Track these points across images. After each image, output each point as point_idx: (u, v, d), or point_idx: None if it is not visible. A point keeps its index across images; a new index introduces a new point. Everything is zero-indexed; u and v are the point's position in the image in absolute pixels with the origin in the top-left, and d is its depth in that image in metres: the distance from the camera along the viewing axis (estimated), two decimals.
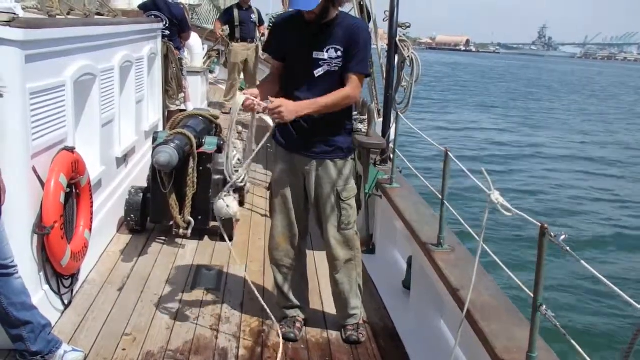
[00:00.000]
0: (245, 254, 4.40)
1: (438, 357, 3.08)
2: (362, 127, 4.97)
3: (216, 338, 3.20)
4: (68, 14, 3.88)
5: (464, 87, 45.22)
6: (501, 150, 19.04)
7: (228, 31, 9.25)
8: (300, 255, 3.28)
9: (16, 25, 2.63)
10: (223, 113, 8.30)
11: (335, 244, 3.13)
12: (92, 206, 3.61)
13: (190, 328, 3.28)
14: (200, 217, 4.42)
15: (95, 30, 3.93)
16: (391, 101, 4.75)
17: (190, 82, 7.91)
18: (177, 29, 7.01)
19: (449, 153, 3.14)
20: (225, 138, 3.98)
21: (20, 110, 2.73)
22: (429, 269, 3.21)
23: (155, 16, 6.62)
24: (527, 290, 2.18)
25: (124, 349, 3.02)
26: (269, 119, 9.67)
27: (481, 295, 2.61)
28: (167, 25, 6.66)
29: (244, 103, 2.80)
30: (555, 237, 1.90)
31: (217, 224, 4.55)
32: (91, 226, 3.60)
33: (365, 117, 4.97)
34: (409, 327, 3.48)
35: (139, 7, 6.97)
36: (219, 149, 4.44)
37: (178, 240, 4.50)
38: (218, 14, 13.50)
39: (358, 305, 3.32)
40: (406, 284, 3.91)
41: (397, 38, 4.59)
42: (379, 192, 4.45)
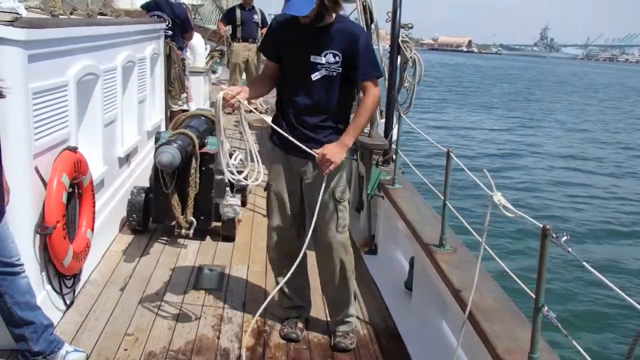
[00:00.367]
0: (247, 254, 4.40)
1: (440, 358, 3.08)
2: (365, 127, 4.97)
3: (218, 338, 3.20)
4: (71, 13, 3.89)
5: (466, 88, 45.18)
6: (502, 151, 19.02)
7: (230, 31, 9.27)
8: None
9: (19, 25, 2.63)
10: (225, 113, 8.30)
11: (332, 247, 3.08)
12: (94, 206, 3.62)
13: (192, 328, 3.28)
14: (202, 218, 4.42)
15: (98, 30, 3.94)
16: (393, 102, 4.75)
17: (193, 82, 7.92)
18: (180, 29, 7.02)
19: (451, 154, 3.13)
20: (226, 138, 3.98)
21: (23, 110, 2.74)
22: (430, 270, 3.21)
23: (158, 16, 6.62)
24: (528, 291, 2.18)
25: (125, 349, 3.02)
26: (269, 119, 9.66)
27: (483, 296, 2.61)
28: (169, 26, 6.67)
29: (225, 97, 2.77)
30: (557, 238, 1.89)
31: (218, 224, 4.58)
32: (93, 226, 3.60)
33: None
34: (411, 327, 3.47)
35: (142, 7, 6.98)
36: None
37: (180, 240, 4.50)
38: (220, 14, 13.51)
39: (353, 313, 3.28)
40: (408, 285, 3.91)
41: (400, 39, 4.58)
42: (381, 193, 4.45)
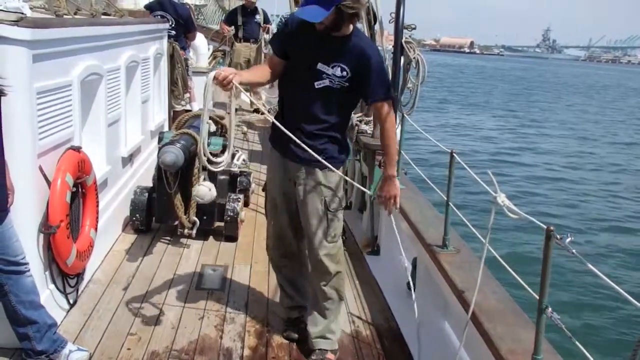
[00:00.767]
0: (250, 254, 4.41)
1: (442, 359, 3.07)
2: (368, 128, 4.97)
3: (221, 338, 3.20)
4: (75, 13, 3.90)
5: (468, 89, 45.15)
6: (506, 151, 19.00)
7: (233, 31, 9.28)
8: (300, 255, 3.21)
9: (24, 25, 2.63)
10: (228, 113, 8.31)
11: (323, 258, 2.98)
12: (97, 205, 3.62)
13: (195, 328, 3.28)
14: (205, 218, 4.43)
15: (102, 30, 3.95)
16: (397, 102, 4.74)
17: (196, 83, 7.92)
18: (183, 29, 7.03)
19: (454, 154, 3.13)
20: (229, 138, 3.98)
21: (27, 110, 2.74)
22: (433, 271, 3.20)
23: (161, 16, 6.63)
24: (532, 292, 2.18)
25: (128, 349, 3.03)
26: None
27: (486, 297, 2.60)
28: (172, 26, 6.68)
29: (217, 77, 2.62)
30: (561, 239, 1.89)
31: (221, 224, 4.58)
32: (97, 225, 3.61)
33: (371, 119, 4.97)
34: (413, 328, 3.47)
35: (145, 7, 7.00)
36: (224, 149, 4.45)
37: (183, 240, 4.51)
38: (223, 14, 13.52)
39: (335, 330, 3.10)
40: (410, 286, 3.90)
41: (403, 39, 4.58)
42: None
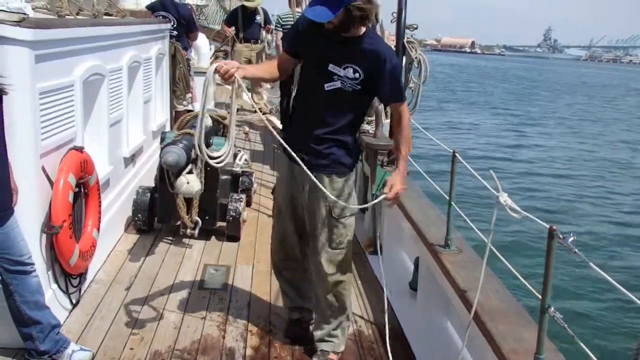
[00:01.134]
0: (252, 254, 4.41)
1: (445, 359, 3.07)
2: (370, 128, 4.97)
3: (223, 338, 3.21)
4: (77, 14, 3.90)
5: (469, 89, 45.14)
6: (508, 151, 18.99)
7: (234, 32, 9.28)
8: (303, 260, 3.17)
9: (26, 26, 2.64)
10: (229, 112, 8.31)
11: (324, 264, 2.92)
12: (100, 206, 3.63)
13: (198, 328, 3.29)
14: (207, 217, 4.43)
15: (104, 30, 3.95)
16: None
17: (197, 83, 7.93)
18: (185, 29, 7.03)
19: (456, 154, 3.13)
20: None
21: (30, 110, 2.75)
22: (436, 271, 3.20)
23: (163, 16, 6.64)
24: (535, 292, 2.17)
25: (131, 348, 3.03)
26: (276, 120, 9.66)
27: (489, 296, 2.60)
28: (174, 26, 6.68)
29: (218, 70, 2.57)
30: (564, 239, 1.89)
31: (224, 224, 4.58)
32: (99, 226, 3.61)
33: (373, 119, 4.97)
34: (416, 328, 3.47)
35: (147, 7, 7.00)
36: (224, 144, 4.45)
37: (185, 240, 4.51)
38: (225, 14, 13.52)
39: (339, 336, 3.06)
40: (413, 285, 3.90)
41: (405, 39, 4.58)
42: None
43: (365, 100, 2.88)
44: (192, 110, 6.73)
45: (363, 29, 2.73)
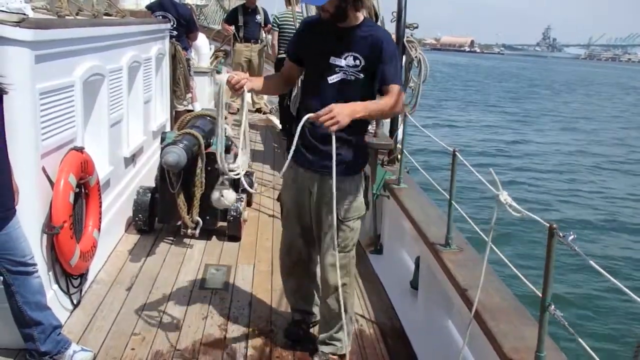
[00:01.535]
0: (253, 254, 4.41)
1: (446, 357, 3.08)
2: (370, 127, 4.97)
3: (224, 338, 3.21)
4: (77, 14, 3.90)
5: (469, 87, 45.15)
6: (507, 149, 19.00)
7: (234, 31, 9.28)
8: (309, 262, 3.16)
9: (26, 26, 2.64)
10: (230, 113, 8.32)
11: (328, 267, 2.89)
12: (100, 206, 3.63)
13: (199, 328, 3.29)
14: (208, 217, 4.43)
15: (104, 30, 3.95)
16: None
17: (197, 83, 7.93)
18: (185, 29, 7.03)
19: (457, 153, 3.13)
20: (233, 139, 3.99)
21: (30, 110, 2.75)
22: (436, 269, 3.21)
23: (163, 16, 6.64)
24: (535, 290, 2.18)
25: (132, 349, 3.04)
26: (275, 120, 9.66)
27: (489, 295, 2.61)
28: (174, 26, 6.68)
29: (230, 81, 2.60)
30: (564, 237, 1.89)
31: (224, 224, 4.59)
32: (100, 226, 3.61)
33: None
34: (417, 327, 3.47)
35: (147, 7, 7.00)
36: (227, 149, 4.45)
37: (186, 240, 4.51)
38: (224, 14, 13.51)
39: (341, 338, 3.01)
40: (414, 284, 3.91)
41: (405, 39, 4.58)
42: (387, 193, 4.45)
43: (370, 89, 2.78)
44: (192, 110, 6.73)
45: (360, 17, 2.72)
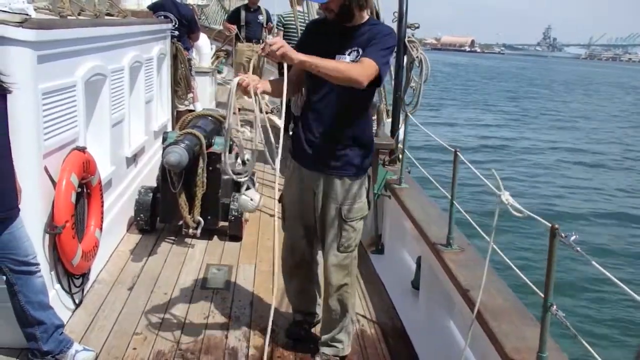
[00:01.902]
0: (254, 253, 4.41)
1: (447, 358, 3.08)
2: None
3: (226, 337, 3.21)
4: (79, 14, 3.90)
5: (469, 87, 45.13)
6: (509, 149, 19.00)
7: (236, 30, 9.28)
8: (312, 264, 3.16)
9: (28, 26, 2.64)
10: (233, 113, 8.32)
11: (330, 267, 2.91)
12: (102, 206, 3.64)
13: (201, 327, 3.29)
14: (209, 217, 4.44)
15: (106, 30, 3.96)
16: (400, 102, 4.75)
17: (199, 83, 7.93)
18: (186, 29, 7.03)
19: (458, 153, 3.13)
20: (235, 139, 3.99)
21: (33, 110, 2.76)
22: (438, 269, 3.21)
23: (164, 17, 6.64)
24: (537, 290, 2.18)
25: (134, 348, 3.04)
26: (277, 120, 9.66)
27: (491, 295, 2.61)
28: (176, 26, 6.68)
29: (240, 83, 2.60)
30: (566, 237, 1.89)
31: (226, 224, 4.59)
32: (102, 226, 3.62)
33: (374, 118, 4.97)
34: (418, 327, 3.47)
35: (149, 7, 7.00)
36: (230, 150, 4.46)
37: (187, 240, 4.52)
38: (225, 14, 13.52)
39: (342, 339, 3.04)
40: (415, 284, 3.91)
41: (406, 39, 4.59)
42: (388, 192, 4.45)
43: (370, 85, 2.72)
44: (193, 110, 6.74)
45: (365, 16, 2.72)
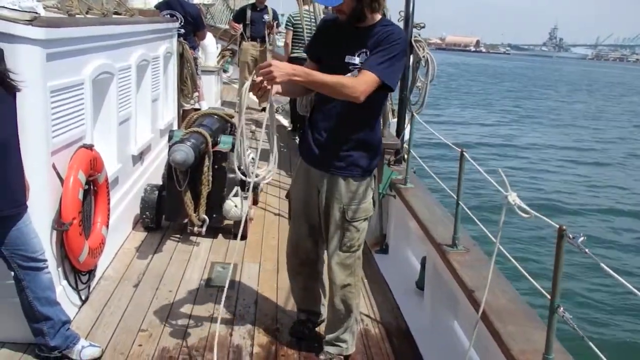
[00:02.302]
0: (259, 252, 4.42)
1: (452, 358, 3.08)
2: None
3: (231, 335, 3.22)
4: (87, 13, 3.92)
5: (473, 87, 45.04)
6: (515, 149, 18.96)
7: (242, 29, 9.29)
8: (317, 263, 3.16)
9: (38, 24, 2.65)
10: (237, 112, 8.33)
11: (334, 266, 2.91)
12: (109, 203, 3.65)
13: (205, 325, 3.30)
14: (214, 215, 4.45)
15: (113, 29, 3.97)
16: (406, 101, 4.75)
17: (205, 81, 7.94)
18: (192, 27, 7.04)
19: (464, 153, 3.13)
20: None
21: (41, 108, 2.77)
22: (443, 270, 3.21)
23: (171, 15, 6.66)
24: (544, 291, 2.18)
25: (140, 345, 3.05)
26: (283, 120, 9.62)
27: (496, 296, 2.61)
28: (182, 24, 6.70)
29: (255, 80, 2.51)
30: (574, 239, 1.89)
31: (230, 222, 4.60)
32: (108, 223, 3.63)
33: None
34: (423, 327, 3.48)
35: (156, 6, 7.02)
36: (234, 148, 4.47)
37: (192, 238, 4.53)
38: (231, 13, 13.53)
39: (347, 339, 3.03)
40: (419, 284, 3.91)
41: (413, 38, 4.58)
42: (393, 192, 4.46)
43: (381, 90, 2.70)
44: (199, 109, 6.75)
45: (377, 17, 2.70)
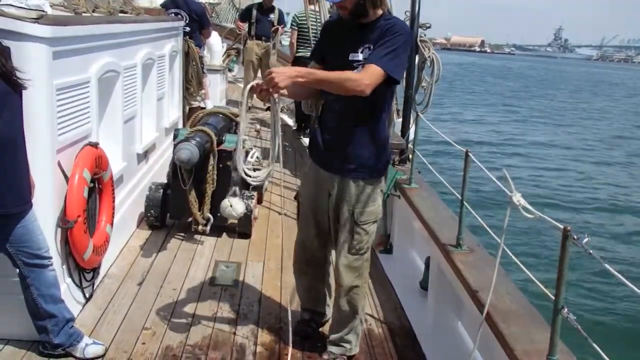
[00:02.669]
0: (263, 251, 4.43)
1: (455, 359, 3.07)
2: None
3: (234, 334, 3.23)
4: (93, 11, 3.93)
5: (479, 87, 44.95)
6: (520, 150, 18.93)
7: (246, 29, 9.30)
8: (324, 264, 3.17)
9: (44, 23, 2.67)
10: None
11: (341, 268, 2.91)
12: (114, 201, 3.66)
13: (209, 324, 3.31)
14: (219, 214, 4.45)
15: (119, 27, 3.98)
16: (411, 101, 4.75)
17: (210, 80, 7.95)
18: (198, 25, 7.05)
19: (469, 154, 3.12)
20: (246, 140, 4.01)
21: (47, 106, 2.78)
22: (447, 270, 3.20)
23: (176, 13, 6.67)
24: (548, 292, 2.17)
25: (143, 343, 3.06)
26: (288, 119, 9.63)
27: (501, 297, 2.60)
28: (187, 22, 6.71)
29: (258, 84, 2.60)
30: (578, 239, 1.88)
31: (235, 221, 4.61)
32: (113, 221, 3.64)
33: None
34: (426, 327, 3.47)
35: (161, 5, 7.03)
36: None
37: (197, 236, 4.54)
38: (237, 12, 13.54)
39: (351, 340, 3.03)
40: (423, 285, 3.90)
41: (418, 38, 4.58)
42: (398, 192, 4.45)
43: (386, 86, 2.69)
44: (204, 108, 6.76)
45: (379, 12, 2.70)
